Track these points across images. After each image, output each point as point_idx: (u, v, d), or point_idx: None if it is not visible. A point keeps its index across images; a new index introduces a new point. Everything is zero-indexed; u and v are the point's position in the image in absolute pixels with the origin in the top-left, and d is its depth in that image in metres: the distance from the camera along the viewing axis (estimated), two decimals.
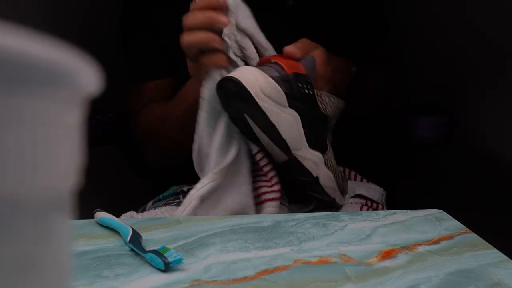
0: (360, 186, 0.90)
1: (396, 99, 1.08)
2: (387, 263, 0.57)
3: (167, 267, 0.53)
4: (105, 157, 1.25)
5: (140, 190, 1.14)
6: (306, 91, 0.76)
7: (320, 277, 0.54)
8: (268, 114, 0.72)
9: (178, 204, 0.89)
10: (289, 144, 0.75)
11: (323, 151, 0.78)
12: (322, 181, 0.79)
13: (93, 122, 1.06)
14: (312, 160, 0.77)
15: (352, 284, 0.53)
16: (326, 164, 0.79)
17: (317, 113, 0.78)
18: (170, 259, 0.54)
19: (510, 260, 0.58)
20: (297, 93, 0.75)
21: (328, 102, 0.79)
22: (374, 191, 0.91)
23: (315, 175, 0.78)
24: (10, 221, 0.18)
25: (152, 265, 0.55)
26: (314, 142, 0.77)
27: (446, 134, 1.08)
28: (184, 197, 0.93)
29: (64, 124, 0.20)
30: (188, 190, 0.94)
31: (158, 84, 1.00)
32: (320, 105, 0.78)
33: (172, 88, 1.00)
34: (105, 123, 1.10)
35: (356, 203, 0.87)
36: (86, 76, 0.19)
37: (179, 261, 0.54)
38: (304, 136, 0.76)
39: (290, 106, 0.74)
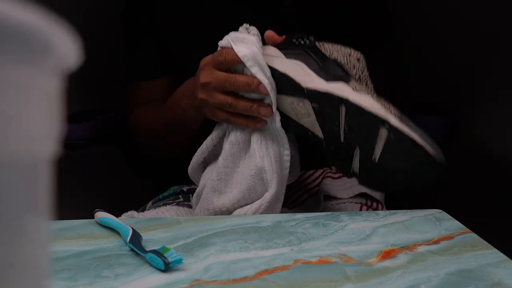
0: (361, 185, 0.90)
1: (396, 100, 1.08)
2: (387, 263, 0.57)
3: (167, 267, 0.53)
4: (105, 157, 1.25)
5: (140, 190, 1.14)
6: (302, 42, 0.76)
7: (320, 277, 0.54)
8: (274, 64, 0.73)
9: (178, 204, 0.89)
10: (302, 84, 0.73)
11: (345, 80, 0.73)
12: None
13: (93, 122, 1.06)
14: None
15: (352, 284, 0.53)
16: (354, 89, 0.73)
17: (320, 56, 0.76)
18: (170, 259, 0.54)
19: (510, 260, 0.58)
20: (292, 46, 0.75)
21: (331, 49, 0.77)
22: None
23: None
24: None
25: (152, 265, 0.55)
26: (327, 75, 0.74)
27: (446, 134, 1.08)
28: (184, 197, 0.93)
29: (40, 90, 0.19)
30: (188, 190, 0.94)
31: (155, 84, 1.00)
32: (324, 52, 0.76)
33: (168, 89, 1.00)
34: (105, 123, 1.10)
35: (356, 203, 0.87)
36: (64, 45, 0.19)
37: (179, 261, 0.54)
38: (314, 74, 0.74)
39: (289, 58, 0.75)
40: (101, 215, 0.66)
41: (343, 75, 0.74)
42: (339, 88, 0.72)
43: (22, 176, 0.19)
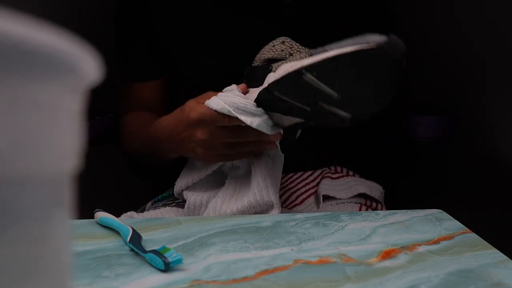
0: (361, 185, 0.90)
1: (397, 101, 1.08)
2: (387, 263, 0.57)
3: (167, 267, 0.53)
4: (105, 157, 1.25)
5: (140, 190, 1.14)
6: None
7: (320, 277, 0.54)
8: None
9: (178, 204, 0.89)
10: None
11: (269, 72, 0.78)
12: None
13: (93, 122, 1.06)
14: None
15: (352, 284, 0.53)
16: (274, 71, 0.77)
17: (251, 73, 0.81)
18: (170, 259, 0.54)
19: (510, 260, 0.58)
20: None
21: (263, 54, 0.81)
22: (376, 190, 0.91)
23: None
24: (8, 202, 0.18)
25: (152, 265, 0.55)
26: (258, 82, 0.78)
27: (446, 134, 1.08)
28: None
29: (65, 108, 0.20)
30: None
31: (148, 85, 1.00)
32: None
33: (161, 91, 1.00)
34: (104, 123, 1.10)
35: (355, 203, 0.87)
36: (87, 64, 0.20)
37: (179, 261, 0.54)
38: (255, 88, 0.77)
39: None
40: (101, 215, 0.66)
41: (268, 70, 0.77)
42: (266, 81, 0.75)
43: (47, 191, 0.20)
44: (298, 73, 0.68)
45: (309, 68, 0.67)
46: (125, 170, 1.18)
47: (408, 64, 0.72)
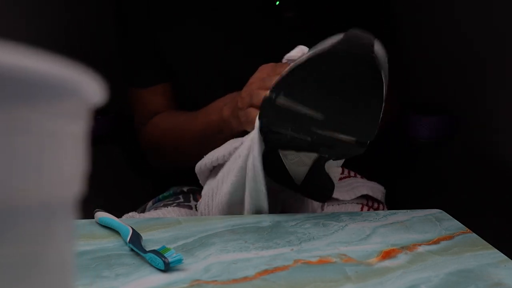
0: (363, 186, 0.90)
1: (399, 110, 1.06)
2: (387, 263, 0.57)
3: (167, 267, 0.53)
4: (105, 157, 1.25)
5: (140, 190, 1.14)
6: None
7: (320, 277, 0.54)
8: None
9: (178, 204, 0.89)
10: None
11: None
12: None
13: (93, 122, 1.06)
14: None
15: (352, 284, 0.53)
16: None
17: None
18: (170, 259, 0.54)
19: (510, 260, 0.58)
20: None
21: None
22: (377, 191, 0.91)
23: None
24: (16, 223, 0.18)
25: (152, 265, 0.55)
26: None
27: (446, 134, 1.08)
28: (184, 197, 0.93)
29: (69, 134, 0.21)
30: (188, 190, 0.94)
31: (158, 90, 1.00)
32: None
33: (172, 94, 1.00)
34: (105, 123, 1.10)
35: (357, 203, 0.87)
36: (89, 89, 0.20)
37: (179, 261, 0.54)
38: None
39: None
40: (101, 215, 0.66)
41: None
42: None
43: (50, 216, 0.20)
44: (269, 99, 0.63)
45: (274, 89, 0.62)
46: (125, 170, 1.18)
47: (407, 64, 0.72)
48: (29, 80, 0.18)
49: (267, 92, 0.63)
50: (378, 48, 0.60)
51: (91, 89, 0.20)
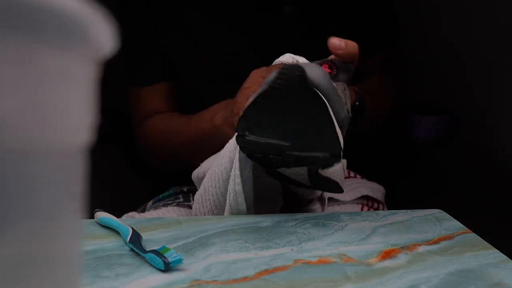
0: (364, 186, 0.90)
1: (398, 106, 1.07)
2: (387, 263, 0.57)
3: (167, 267, 0.53)
4: (105, 157, 1.25)
5: (140, 190, 1.14)
6: None
7: (320, 277, 0.54)
8: None
9: (178, 204, 0.89)
10: None
11: None
12: None
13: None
14: None
15: (352, 284, 0.53)
16: None
17: None
18: (170, 259, 0.54)
19: (510, 260, 0.58)
20: None
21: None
22: (377, 191, 0.91)
23: None
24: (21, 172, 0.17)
25: (152, 265, 0.55)
26: None
27: (446, 134, 1.08)
28: (184, 197, 0.93)
29: (77, 77, 0.19)
30: (188, 190, 0.94)
31: (158, 89, 1.00)
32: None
33: (172, 93, 1.00)
34: (105, 123, 1.10)
35: (357, 203, 0.87)
36: (101, 33, 0.19)
37: (179, 261, 0.54)
38: None
39: None
40: (101, 215, 0.66)
41: None
42: None
43: (57, 166, 0.19)
44: (239, 137, 0.67)
45: (238, 129, 0.67)
46: (125, 170, 1.18)
47: (407, 64, 0.72)
48: (37, 8, 0.16)
49: (236, 131, 0.68)
50: (312, 71, 0.64)
51: (102, 32, 0.19)
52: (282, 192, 0.76)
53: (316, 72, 0.65)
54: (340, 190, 0.72)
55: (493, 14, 1.30)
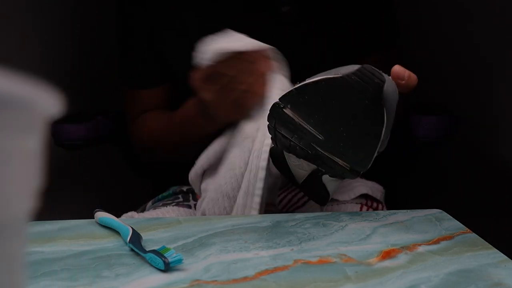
0: (363, 185, 0.90)
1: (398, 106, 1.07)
2: (387, 263, 0.57)
3: (167, 267, 0.53)
4: (105, 157, 1.25)
5: (140, 190, 1.14)
6: None
7: (320, 277, 0.54)
8: None
9: (178, 204, 0.89)
10: None
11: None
12: None
13: (93, 122, 1.06)
14: None
15: (352, 284, 0.53)
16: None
17: None
18: (170, 259, 0.54)
19: (510, 260, 0.58)
20: None
21: None
22: (377, 190, 0.91)
23: None
24: None
25: (152, 265, 0.55)
26: None
27: (446, 134, 1.08)
28: (183, 197, 0.93)
29: (22, 150, 0.19)
30: (188, 190, 0.94)
31: (152, 93, 0.99)
32: None
33: (166, 96, 0.99)
34: (105, 123, 1.10)
35: (356, 203, 0.87)
36: (46, 102, 0.19)
37: (179, 261, 0.54)
38: None
39: None
40: (101, 215, 0.66)
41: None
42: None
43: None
44: (277, 105, 0.65)
45: (283, 99, 0.65)
46: (125, 170, 1.18)
47: (407, 64, 0.71)
48: None
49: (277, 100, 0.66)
50: (389, 87, 0.62)
51: (47, 101, 0.19)
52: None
53: (392, 90, 0.63)
54: (323, 203, 0.72)
55: (493, 14, 1.30)
